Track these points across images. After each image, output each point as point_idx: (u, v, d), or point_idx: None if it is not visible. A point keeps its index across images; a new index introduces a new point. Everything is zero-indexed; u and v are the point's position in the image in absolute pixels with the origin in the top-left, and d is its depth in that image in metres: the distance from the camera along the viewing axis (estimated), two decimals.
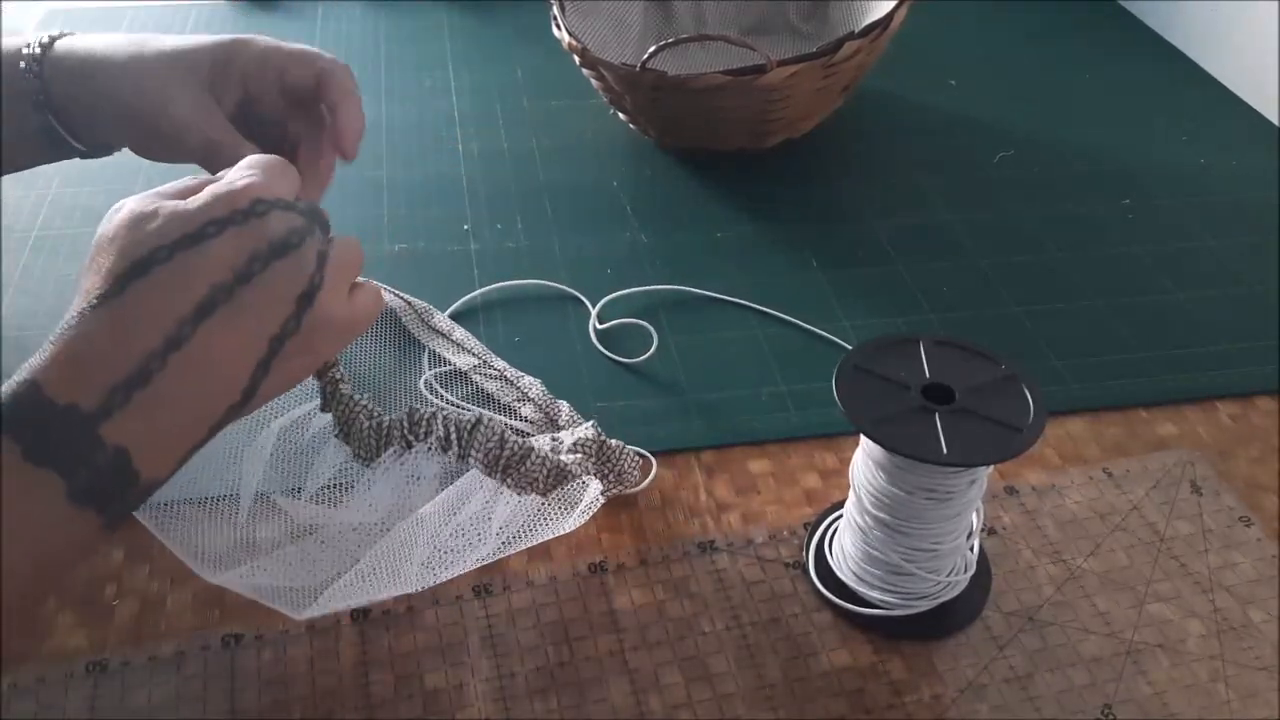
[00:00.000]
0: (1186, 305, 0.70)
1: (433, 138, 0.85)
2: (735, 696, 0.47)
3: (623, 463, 0.54)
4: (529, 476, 0.49)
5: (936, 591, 0.49)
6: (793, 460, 0.58)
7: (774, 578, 0.52)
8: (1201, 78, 0.96)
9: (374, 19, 1.03)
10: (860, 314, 0.68)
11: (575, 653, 0.48)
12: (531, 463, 0.49)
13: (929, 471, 0.44)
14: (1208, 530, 0.55)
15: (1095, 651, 0.49)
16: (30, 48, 0.52)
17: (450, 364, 0.62)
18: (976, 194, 0.80)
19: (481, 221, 0.76)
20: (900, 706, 0.47)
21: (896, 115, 0.90)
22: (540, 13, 0.88)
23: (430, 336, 0.64)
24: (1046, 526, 0.55)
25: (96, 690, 0.46)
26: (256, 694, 0.46)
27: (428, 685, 0.47)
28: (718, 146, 0.82)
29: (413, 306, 0.65)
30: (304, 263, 0.41)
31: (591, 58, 0.77)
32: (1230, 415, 0.62)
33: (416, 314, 0.65)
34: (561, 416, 0.57)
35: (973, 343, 0.48)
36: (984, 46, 1.01)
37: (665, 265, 0.72)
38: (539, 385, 0.59)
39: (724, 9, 0.92)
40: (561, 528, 0.50)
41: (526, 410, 0.58)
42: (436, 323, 0.64)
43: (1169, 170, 0.83)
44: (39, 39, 0.52)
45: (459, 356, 0.62)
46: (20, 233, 0.73)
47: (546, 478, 0.50)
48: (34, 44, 0.52)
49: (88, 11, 1.02)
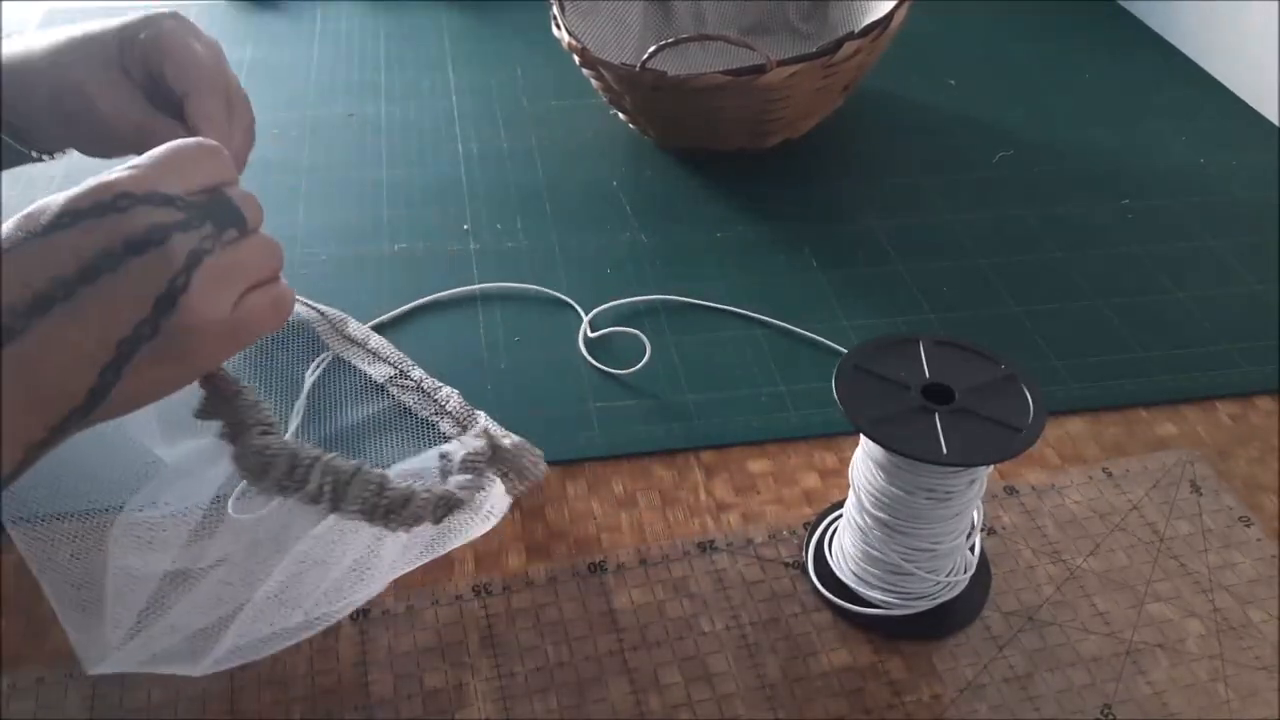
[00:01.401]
0: (1186, 305, 0.70)
1: (433, 138, 0.85)
2: (735, 696, 0.47)
3: (521, 460, 0.52)
4: (414, 515, 0.46)
5: (936, 591, 0.49)
6: (792, 460, 0.58)
7: (774, 578, 0.52)
8: (1201, 78, 0.96)
9: (374, 19, 1.03)
10: (860, 314, 0.68)
11: (575, 652, 0.48)
12: (415, 504, 0.46)
13: (929, 471, 0.44)
14: (1207, 530, 0.55)
15: (1095, 651, 0.49)
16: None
17: (365, 375, 0.60)
18: (976, 194, 0.80)
19: (481, 221, 0.76)
20: (900, 706, 0.47)
21: (896, 115, 0.90)
22: (540, 13, 0.88)
23: (344, 346, 0.62)
24: (1046, 526, 0.55)
25: (96, 690, 0.46)
26: (256, 694, 0.46)
27: (428, 685, 0.47)
28: (717, 146, 0.82)
29: (325, 316, 0.63)
30: (165, 262, 0.37)
31: (591, 58, 0.77)
32: (1230, 415, 0.62)
33: (330, 323, 0.62)
34: (477, 426, 0.55)
35: (973, 343, 0.48)
36: (984, 46, 1.01)
37: (664, 265, 0.72)
38: (457, 396, 0.57)
39: (724, 9, 0.92)
40: (472, 533, 0.49)
41: (445, 425, 0.56)
42: (351, 331, 0.62)
43: (1169, 170, 0.83)
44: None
45: (374, 367, 0.60)
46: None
47: (434, 510, 0.47)
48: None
49: (88, 11, 1.02)
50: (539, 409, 0.60)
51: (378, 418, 0.58)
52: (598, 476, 0.57)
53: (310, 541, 0.46)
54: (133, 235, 0.37)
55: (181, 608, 0.45)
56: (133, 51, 0.48)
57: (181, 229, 0.38)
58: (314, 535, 0.47)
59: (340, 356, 0.61)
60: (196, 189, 0.39)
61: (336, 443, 0.57)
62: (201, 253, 0.38)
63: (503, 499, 0.50)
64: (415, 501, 0.46)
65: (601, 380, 0.63)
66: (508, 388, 0.61)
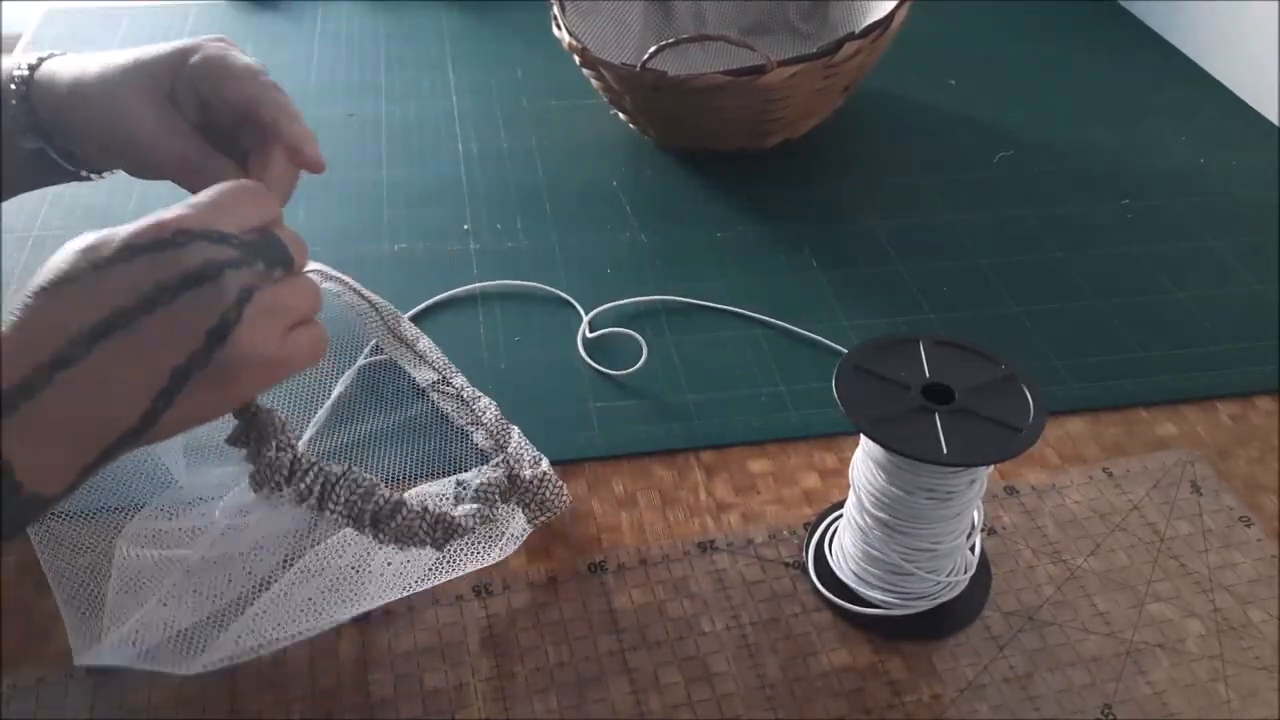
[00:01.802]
0: (1186, 305, 0.70)
1: (433, 138, 0.85)
2: (735, 696, 0.47)
3: (543, 491, 0.53)
4: (406, 531, 0.46)
5: (936, 591, 0.49)
6: (792, 460, 0.58)
7: (774, 578, 0.52)
8: (1201, 78, 0.96)
9: (374, 19, 1.03)
10: (860, 314, 0.68)
11: (575, 652, 0.48)
12: (405, 516, 0.46)
13: (929, 471, 0.44)
14: (1208, 530, 0.55)
15: (1095, 651, 0.49)
16: (20, 69, 0.51)
17: (410, 377, 0.61)
18: (976, 194, 0.80)
19: (481, 221, 0.76)
20: (900, 706, 0.47)
21: (896, 115, 0.90)
22: (540, 13, 0.88)
23: (394, 345, 0.63)
24: (1046, 526, 0.55)
25: (96, 690, 0.46)
26: (256, 694, 0.46)
27: (428, 685, 0.47)
28: (717, 146, 0.82)
29: (379, 310, 0.63)
30: (218, 297, 0.39)
31: (591, 58, 0.77)
32: (1230, 415, 0.62)
33: (382, 319, 0.63)
34: (511, 443, 0.56)
35: (973, 343, 0.48)
36: (984, 46, 1.01)
37: (664, 265, 0.72)
38: (494, 408, 0.58)
39: (724, 9, 0.92)
40: (487, 560, 0.49)
41: (478, 436, 0.57)
42: (403, 331, 0.63)
43: (1169, 170, 0.83)
44: (26, 61, 0.51)
45: (419, 370, 0.61)
46: (20, 233, 0.73)
47: (431, 531, 0.47)
48: (22, 66, 0.51)
49: (88, 11, 1.02)
50: (539, 409, 0.60)
51: (414, 422, 0.59)
52: (598, 476, 0.57)
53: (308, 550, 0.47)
54: (189, 269, 0.39)
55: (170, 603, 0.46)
56: (182, 81, 0.50)
57: (234, 266, 0.40)
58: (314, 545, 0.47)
59: (390, 356, 0.62)
60: (248, 228, 0.42)
61: (366, 445, 0.58)
62: (252, 289, 0.40)
63: (523, 528, 0.51)
64: (404, 513, 0.46)
65: (601, 380, 0.63)
66: (508, 388, 0.61)
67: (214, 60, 0.49)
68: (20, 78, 0.51)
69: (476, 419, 0.58)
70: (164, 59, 0.50)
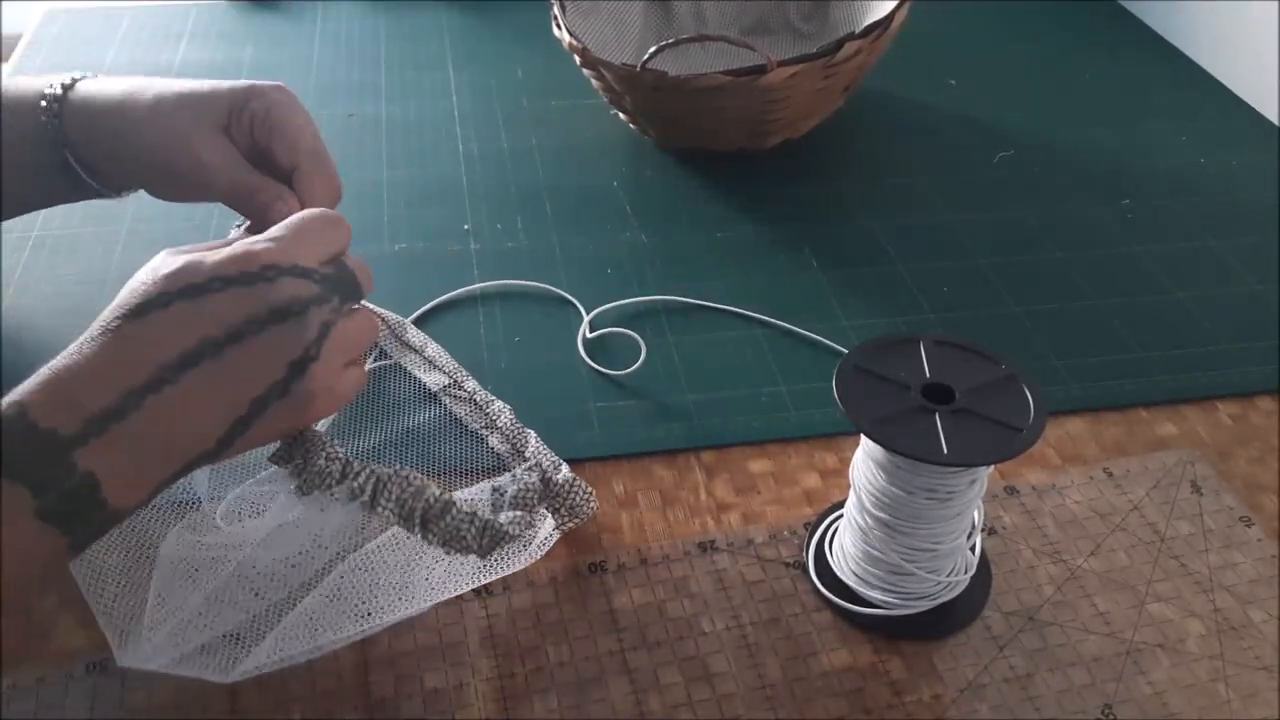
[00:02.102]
0: (1186, 305, 0.70)
1: (433, 138, 0.85)
2: (735, 696, 0.47)
3: (573, 496, 0.53)
4: (454, 533, 0.46)
5: (936, 591, 0.49)
6: (793, 460, 0.58)
7: (774, 578, 0.52)
8: (1201, 78, 0.96)
9: (374, 19, 1.03)
10: (860, 314, 0.68)
11: (575, 652, 0.48)
12: (453, 517, 0.46)
13: (929, 471, 0.44)
14: (1208, 530, 0.55)
15: (1095, 651, 0.49)
16: (52, 88, 0.53)
17: (420, 382, 0.61)
18: (976, 194, 0.80)
19: (481, 221, 0.76)
20: (900, 706, 0.47)
21: (896, 115, 0.90)
22: (540, 13, 0.88)
23: (402, 352, 0.63)
24: (1047, 526, 0.55)
25: (96, 690, 0.46)
26: (256, 694, 0.46)
27: (428, 685, 0.47)
28: (717, 146, 0.82)
29: (385, 321, 0.64)
30: (302, 332, 0.41)
31: (591, 58, 0.77)
32: (1230, 415, 0.62)
33: (389, 328, 0.64)
34: (528, 447, 0.56)
35: (973, 343, 0.48)
36: (984, 46, 1.01)
37: (664, 265, 0.72)
38: (508, 412, 0.58)
39: (724, 9, 0.92)
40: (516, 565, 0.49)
41: (493, 441, 0.57)
42: (409, 338, 0.63)
43: (1169, 170, 0.83)
44: (60, 81, 0.53)
45: (429, 375, 0.61)
46: (20, 233, 0.73)
47: (479, 537, 0.47)
48: (55, 85, 0.53)
49: (88, 11, 1.02)
50: (539, 409, 0.60)
51: (427, 425, 0.59)
52: (598, 476, 0.57)
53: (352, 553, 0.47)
54: (276, 304, 0.41)
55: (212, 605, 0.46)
56: (240, 119, 0.52)
57: (317, 302, 0.42)
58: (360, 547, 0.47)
59: (399, 363, 0.62)
60: (325, 259, 0.44)
61: (384, 450, 0.58)
62: (330, 325, 0.42)
63: (552, 535, 0.51)
64: (453, 514, 0.46)
65: (601, 380, 0.63)
66: (508, 388, 0.61)
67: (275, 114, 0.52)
68: (53, 95, 0.53)
69: (491, 422, 0.58)
70: (225, 95, 0.52)
